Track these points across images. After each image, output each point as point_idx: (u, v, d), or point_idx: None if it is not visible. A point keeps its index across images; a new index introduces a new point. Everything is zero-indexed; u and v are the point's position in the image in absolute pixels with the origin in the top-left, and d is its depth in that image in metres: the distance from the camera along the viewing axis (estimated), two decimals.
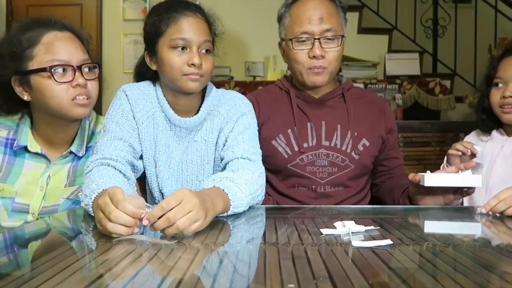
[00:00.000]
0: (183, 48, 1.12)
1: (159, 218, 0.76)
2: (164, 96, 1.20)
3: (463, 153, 1.41)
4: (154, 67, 1.18)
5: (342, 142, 1.35)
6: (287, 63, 1.41)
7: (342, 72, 3.27)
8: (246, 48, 3.84)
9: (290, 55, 1.35)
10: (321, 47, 1.30)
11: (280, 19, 1.39)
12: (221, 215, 0.95)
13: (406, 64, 3.56)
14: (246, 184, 1.02)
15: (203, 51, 1.14)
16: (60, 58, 1.15)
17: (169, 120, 1.20)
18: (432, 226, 0.88)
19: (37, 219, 1.18)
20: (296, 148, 1.33)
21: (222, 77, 3.43)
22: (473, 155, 1.41)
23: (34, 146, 1.22)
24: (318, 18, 1.30)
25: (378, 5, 4.03)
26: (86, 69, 1.19)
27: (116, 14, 4.10)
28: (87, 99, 1.18)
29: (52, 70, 1.14)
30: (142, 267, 0.62)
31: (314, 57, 1.31)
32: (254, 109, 1.31)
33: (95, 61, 1.26)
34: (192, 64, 1.11)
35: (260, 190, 1.10)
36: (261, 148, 1.24)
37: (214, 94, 1.24)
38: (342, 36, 1.34)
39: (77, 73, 1.16)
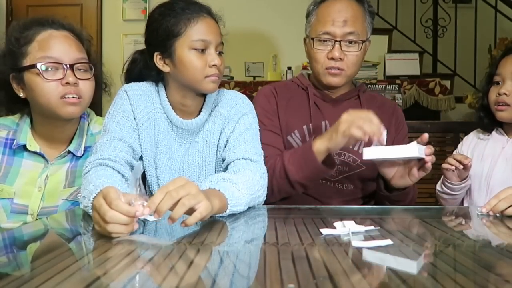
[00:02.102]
0: (203, 50, 1.13)
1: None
2: (167, 97, 1.19)
3: (456, 167, 1.41)
4: (166, 69, 1.16)
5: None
6: (308, 60, 1.44)
7: None
8: (246, 48, 3.84)
9: (311, 54, 1.38)
10: (341, 49, 1.32)
11: (307, 16, 1.42)
12: (221, 215, 0.94)
13: (406, 64, 3.56)
14: (244, 184, 1.02)
15: (218, 52, 1.15)
16: (51, 56, 1.15)
17: (170, 121, 1.20)
18: (432, 226, 0.88)
19: (36, 220, 1.17)
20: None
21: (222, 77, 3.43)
22: (466, 167, 1.40)
23: (33, 145, 1.22)
24: (342, 20, 1.32)
25: (378, 5, 4.03)
26: (80, 69, 1.19)
27: (116, 14, 4.11)
28: (78, 98, 1.18)
29: (42, 67, 1.14)
30: (142, 268, 0.62)
31: (332, 58, 1.32)
32: (272, 99, 1.37)
33: (95, 63, 1.26)
34: (214, 65, 1.13)
35: (262, 190, 1.10)
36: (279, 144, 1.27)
37: (216, 95, 1.24)
38: (364, 41, 1.35)
39: (68, 72, 1.16)
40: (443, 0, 4.11)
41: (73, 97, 1.16)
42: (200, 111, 1.21)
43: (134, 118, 1.17)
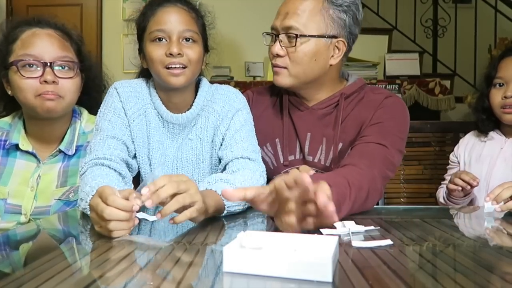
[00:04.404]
0: (161, 39, 1.09)
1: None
2: (157, 92, 1.18)
3: (463, 188, 1.39)
4: (145, 65, 1.17)
5: (326, 157, 1.21)
6: None
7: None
8: (246, 48, 3.84)
9: None
10: (280, 45, 1.18)
11: None
12: (221, 215, 0.94)
13: (406, 64, 3.56)
14: (242, 184, 1.01)
15: (185, 40, 1.10)
16: (30, 53, 1.16)
17: (161, 116, 1.18)
18: (432, 226, 0.88)
19: (30, 220, 1.17)
20: (282, 161, 1.25)
21: (222, 77, 3.43)
22: (473, 187, 1.39)
23: (26, 144, 1.23)
24: (284, 13, 1.18)
25: (378, 5, 4.03)
26: (63, 67, 1.19)
27: (116, 14, 4.10)
28: (58, 96, 1.17)
29: (19, 64, 1.15)
30: (142, 268, 0.62)
31: (272, 54, 1.20)
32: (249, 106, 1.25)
33: (89, 62, 1.25)
34: (170, 54, 1.08)
35: None
36: None
37: (208, 89, 1.22)
38: (315, 36, 1.16)
39: (47, 70, 1.16)
40: (443, 0, 4.11)
41: (52, 96, 1.16)
42: (191, 106, 1.19)
43: (125, 115, 1.16)
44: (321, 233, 0.80)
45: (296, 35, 1.16)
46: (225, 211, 0.94)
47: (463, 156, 1.54)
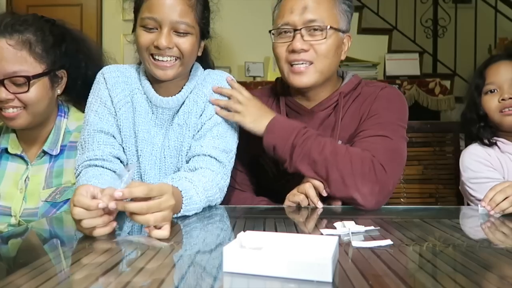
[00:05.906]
0: (151, 28, 1.03)
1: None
2: (147, 76, 1.13)
3: None
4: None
5: None
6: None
7: None
8: (246, 48, 3.84)
9: (273, 51, 1.21)
10: (303, 39, 1.14)
11: (272, 14, 1.25)
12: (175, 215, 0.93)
13: (406, 64, 3.56)
14: (204, 187, 0.98)
15: (178, 32, 1.04)
16: None
17: (150, 101, 1.12)
18: (432, 226, 0.88)
19: (19, 221, 1.17)
20: (282, 168, 1.15)
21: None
22: None
23: (15, 147, 1.23)
24: (301, 7, 1.15)
25: (378, 5, 4.03)
26: (18, 83, 1.13)
27: (116, 14, 4.10)
28: (21, 108, 1.15)
29: None
30: (142, 268, 0.62)
31: (293, 51, 1.14)
32: None
33: (69, 57, 1.21)
34: (156, 46, 1.02)
35: (219, 193, 1.06)
36: (248, 167, 1.20)
37: (200, 74, 1.17)
38: (336, 29, 1.16)
39: (0, 88, 1.12)
40: (443, 0, 4.12)
41: (10, 111, 1.14)
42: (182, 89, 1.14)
43: (112, 103, 1.11)
44: (321, 233, 0.80)
45: (321, 27, 1.15)
46: (179, 214, 0.92)
47: (478, 168, 1.40)
